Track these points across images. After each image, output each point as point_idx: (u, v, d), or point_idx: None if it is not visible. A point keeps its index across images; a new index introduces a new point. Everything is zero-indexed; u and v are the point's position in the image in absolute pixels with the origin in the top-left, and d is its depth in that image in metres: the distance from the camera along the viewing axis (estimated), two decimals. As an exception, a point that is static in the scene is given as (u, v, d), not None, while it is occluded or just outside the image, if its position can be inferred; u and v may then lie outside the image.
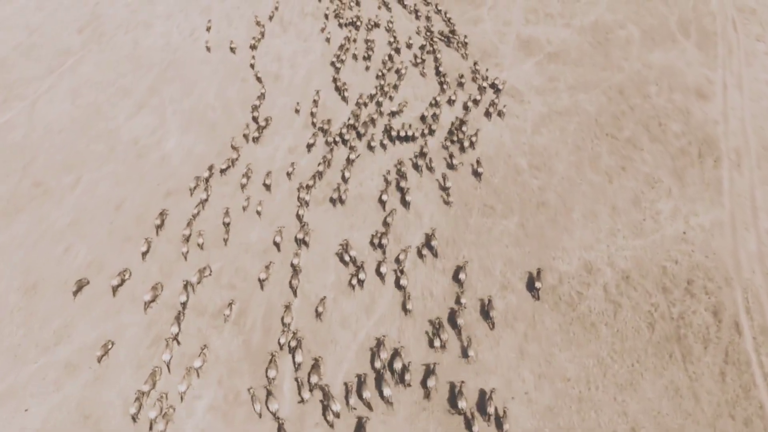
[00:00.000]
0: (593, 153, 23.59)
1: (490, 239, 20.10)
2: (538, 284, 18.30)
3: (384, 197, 21.62)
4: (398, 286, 18.75)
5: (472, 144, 24.03)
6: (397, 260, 19.29)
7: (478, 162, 22.84)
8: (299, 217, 21.19)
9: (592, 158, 23.32)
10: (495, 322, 17.59)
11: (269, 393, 15.92)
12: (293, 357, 16.78)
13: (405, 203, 21.48)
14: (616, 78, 28.07)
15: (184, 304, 18.18)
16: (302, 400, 15.92)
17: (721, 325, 17.53)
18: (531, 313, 17.86)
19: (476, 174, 22.62)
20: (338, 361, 16.87)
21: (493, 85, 27.47)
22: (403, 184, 22.36)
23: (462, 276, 18.57)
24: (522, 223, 20.68)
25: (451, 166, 23.08)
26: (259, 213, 21.33)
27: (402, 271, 18.91)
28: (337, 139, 24.74)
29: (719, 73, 28.54)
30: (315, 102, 26.84)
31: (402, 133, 24.51)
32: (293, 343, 17.05)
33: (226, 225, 20.66)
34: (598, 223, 20.63)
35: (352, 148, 24.12)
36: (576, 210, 21.13)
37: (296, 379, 16.44)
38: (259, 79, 28.45)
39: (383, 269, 18.97)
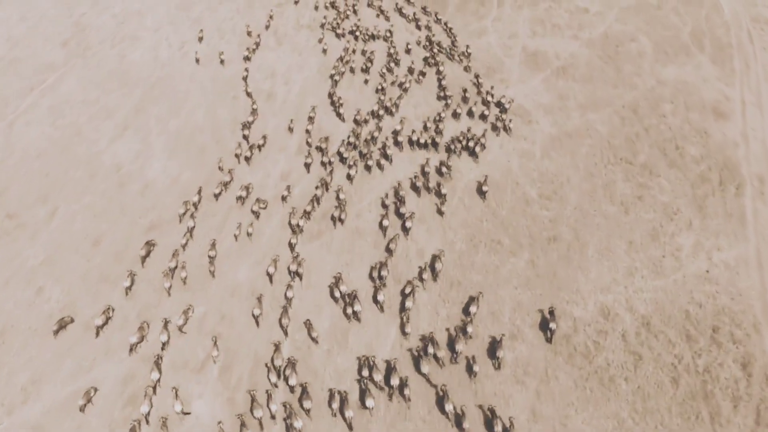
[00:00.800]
0: (607, 180, 22.03)
1: (498, 280, 18.56)
2: (552, 325, 16.84)
3: (385, 222, 20.30)
4: (402, 308, 17.83)
5: (482, 146, 23.27)
6: (403, 293, 18.15)
7: (485, 180, 21.55)
8: (291, 246, 19.75)
9: (606, 186, 21.76)
10: (501, 363, 16.29)
11: (242, 424, 14.95)
12: (287, 381, 15.89)
13: (405, 230, 20.11)
14: (628, 96, 26.49)
15: (164, 344, 16.78)
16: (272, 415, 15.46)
17: (751, 379, 15.99)
18: (543, 366, 16.32)
19: (481, 192, 21.38)
20: (331, 426, 15.34)
21: (499, 104, 25.90)
22: (402, 210, 20.91)
23: (473, 309, 17.36)
24: (532, 261, 19.13)
25: (445, 172, 22.34)
26: (249, 235, 20.14)
27: (411, 294, 17.91)
28: (333, 159, 23.25)
29: (737, 89, 26.96)
30: (311, 119, 25.32)
31: (400, 139, 23.84)
32: (288, 371, 16.05)
33: (212, 258, 19.19)
34: (614, 261, 19.08)
35: (351, 167, 22.75)
36: (590, 245, 19.57)
37: (266, 391, 15.79)
38: (249, 95, 26.92)
39: (380, 297, 17.79)
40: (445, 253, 19.36)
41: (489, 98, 26.17)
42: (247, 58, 29.57)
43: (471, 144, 23.38)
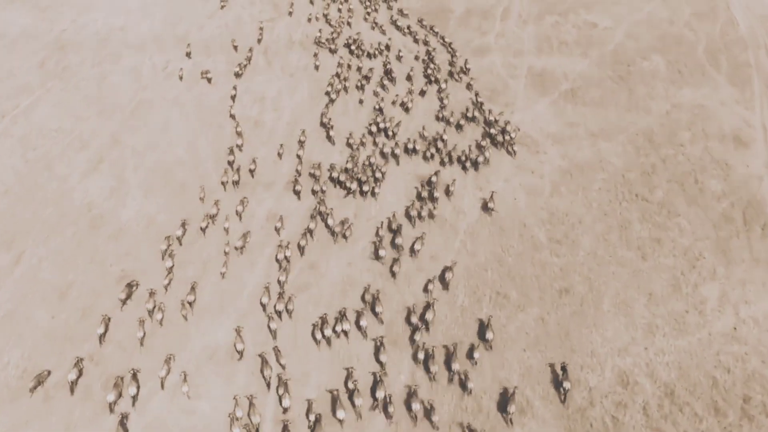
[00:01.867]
0: (622, 220, 20.25)
1: (505, 340, 16.77)
2: (566, 384, 15.24)
3: (381, 252, 18.94)
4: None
5: (489, 155, 22.74)
6: (408, 320, 17.18)
7: (491, 197, 20.61)
8: (280, 283, 18.09)
9: (622, 227, 19.98)
10: (512, 419, 14.81)
11: None
12: (280, 402, 15.00)
13: (412, 251, 19.08)
14: (643, 122, 24.70)
15: (134, 398, 15.34)
16: None
17: (789, 462, 14.23)
18: (557, 448, 14.55)
19: (486, 208, 20.53)
20: None
21: (503, 131, 24.10)
22: (398, 241, 19.31)
23: (489, 335, 16.36)
24: (542, 317, 17.35)
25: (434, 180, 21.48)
26: (238, 249, 19.35)
27: (431, 307, 17.17)
28: (325, 188, 21.56)
29: (757, 113, 25.19)
30: (301, 143, 23.61)
31: (386, 151, 23.02)
32: (281, 390, 15.09)
33: (190, 304, 17.54)
34: (632, 317, 17.29)
35: (348, 189, 21.52)
36: (605, 299, 17.79)
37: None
38: (233, 117, 25.20)
39: (363, 322, 16.81)
40: (447, 307, 17.59)
41: (492, 118, 24.62)
42: (237, 75, 27.86)
43: (478, 159, 22.37)
